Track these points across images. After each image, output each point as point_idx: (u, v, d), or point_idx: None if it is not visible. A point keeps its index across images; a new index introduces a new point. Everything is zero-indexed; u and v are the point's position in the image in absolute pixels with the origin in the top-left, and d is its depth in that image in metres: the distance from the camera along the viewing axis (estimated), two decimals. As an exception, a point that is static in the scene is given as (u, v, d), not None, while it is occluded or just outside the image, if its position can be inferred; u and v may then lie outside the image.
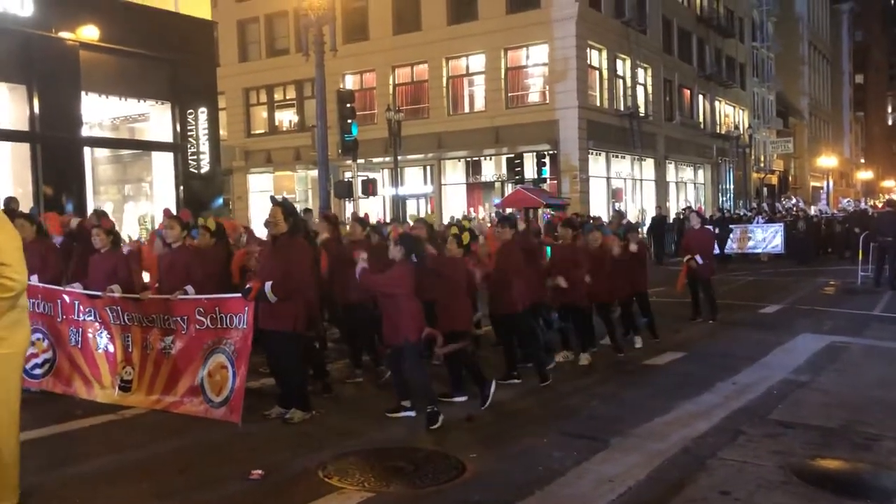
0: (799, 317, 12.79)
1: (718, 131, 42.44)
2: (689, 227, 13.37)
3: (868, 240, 17.91)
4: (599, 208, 28.02)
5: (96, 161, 18.43)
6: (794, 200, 37.41)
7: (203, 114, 17.33)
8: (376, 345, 8.54)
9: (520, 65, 29.98)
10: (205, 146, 17.37)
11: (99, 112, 17.18)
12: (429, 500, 4.98)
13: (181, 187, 17.03)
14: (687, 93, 39.38)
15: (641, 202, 33.61)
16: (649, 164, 34.65)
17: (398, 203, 27.89)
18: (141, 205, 19.24)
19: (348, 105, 19.76)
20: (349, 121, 19.63)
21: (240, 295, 6.67)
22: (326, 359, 8.62)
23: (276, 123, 36.32)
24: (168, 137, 17.20)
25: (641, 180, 34.16)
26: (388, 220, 22.13)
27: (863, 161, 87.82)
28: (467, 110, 31.01)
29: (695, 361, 9.29)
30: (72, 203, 14.43)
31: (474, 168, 31.11)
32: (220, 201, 18.36)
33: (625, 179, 33.11)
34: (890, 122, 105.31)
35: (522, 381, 8.09)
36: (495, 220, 12.89)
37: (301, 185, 35.25)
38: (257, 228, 12.08)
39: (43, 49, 14.38)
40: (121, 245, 8.43)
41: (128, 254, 8.53)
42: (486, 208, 29.75)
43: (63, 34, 14.65)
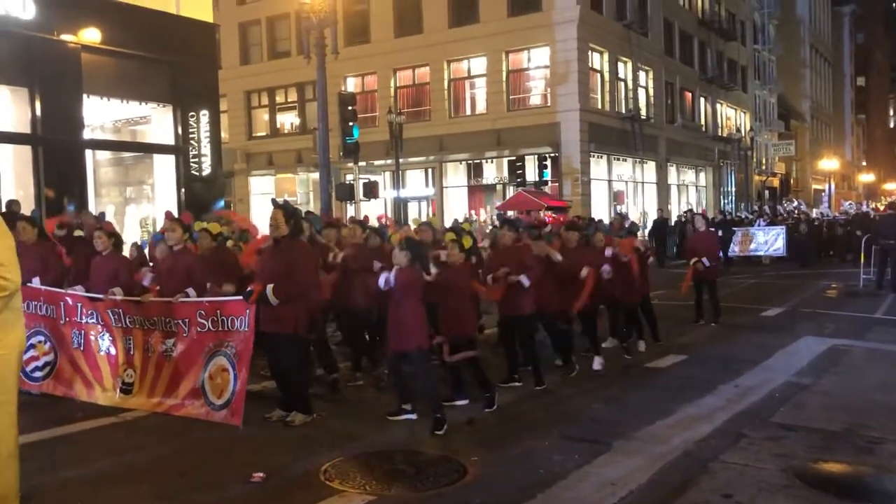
0: (801, 320, 12.79)
1: (720, 134, 42.44)
2: (694, 230, 13.34)
3: (870, 243, 17.88)
4: (601, 211, 28.00)
5: (98, 163, 18.45)
6: (796, 203, 37.34)
7: (204, 116, 17.35)
8: (377, 347, 8.54)
9: (521, 67, 29.97)
10: (206, 149, 17.39)
11: (100, 114, 17.20)
12: (430, 504, 4.98)
13: (182, 190, 17.04)
14: (688, 95, 39.38)
15: (643, 205, 33.58)
16: (651, 166, 34.64)
17: (399, 206, 27.88)
18: (142, 207, 19.27)
19: (350, 108, 19.77)
20: (350, 123, 19.64)
21: (241, 297, 6.67)
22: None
23: (278, 126, 36.36)
24: (169, 140, 17.21)
25: (643, 183, 34.15)
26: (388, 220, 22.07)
27: (864, 164, 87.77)
28: (469, 113, 31.00)
29: (697, 364, 9.28)
30: (73, 205, 14.43)
31: (476, 171, 31.10)
32: (222, 204, 18.35)
33: (626, 182, 33.10)
34: (892, 125, 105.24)
35: (523, 384, 8.09)
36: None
37: (302, 187, 35.27)
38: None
39: (45, 52, 14.41)
40: (122, 248, 8.43)
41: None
42: (488, 211, 29.76)
43: (65, 37, 14.67)
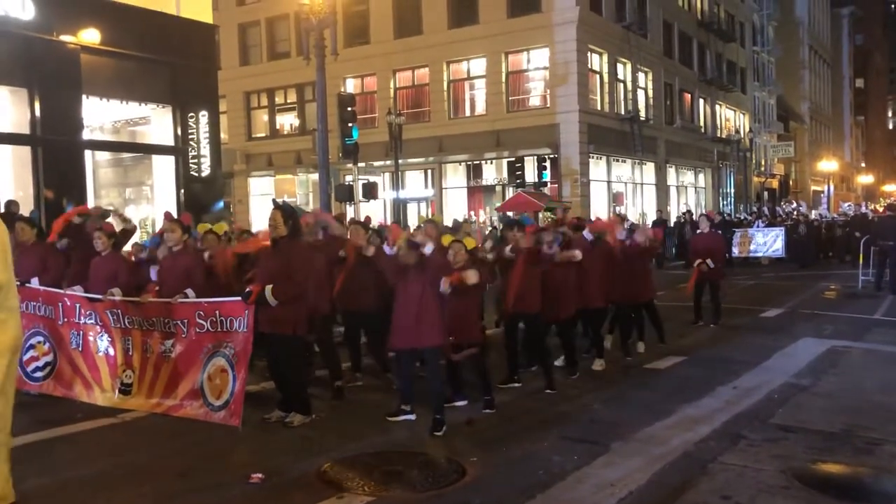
0: (800, 321, 12.79)
1: (719, 135, 42.48)
2: (698, 231, 13.33)
3: (869, 244, 17.91)
4: (600, 212, 27.99)
5: (97, 164, 18.40)
6: (795, 205, 37.34)
7: (204, 117, 17.31)
8: (379, 349, 8.55)
9: (521, 69, 29.99)
10: (206, 149, 17.36)
11: (100, 115, 17.16)
12: (429, 504, 4.97)
13: (182, 191, 17.00)
14: (688, 97, 39.41)
15: (642, 206, 33.59)
16: (650, 167, 34.66)
17: (399, 207, 27.88)
18: (142, 208, 19.23)
19: (349, 108, 19.73)
20: (350, 124, 19.61)
21: (240, 298, 6.67)
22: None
23: (277, 127, 36.36)
24: (169, 141, 17.18)
25: (642, 184, 34.17)
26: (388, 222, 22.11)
27: (863, 165, 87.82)
28: (468, 114, 31.01)
29: (696, 365, 9.29)
30: (72, 206, 14.41)
31: (475, 172, 31.10)
32: (221, 205, 18.33)
33: (625, 183, 33.12)
34: (890, 126, 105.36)
35: (523, 385, 8.10)
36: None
37: (302, 188, 35.27)
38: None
39: (44, 52, 14.37)
40: (121, 248, 8.43)
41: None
42: (487, 212, 29.78)
43: (64, 37, 14.64)
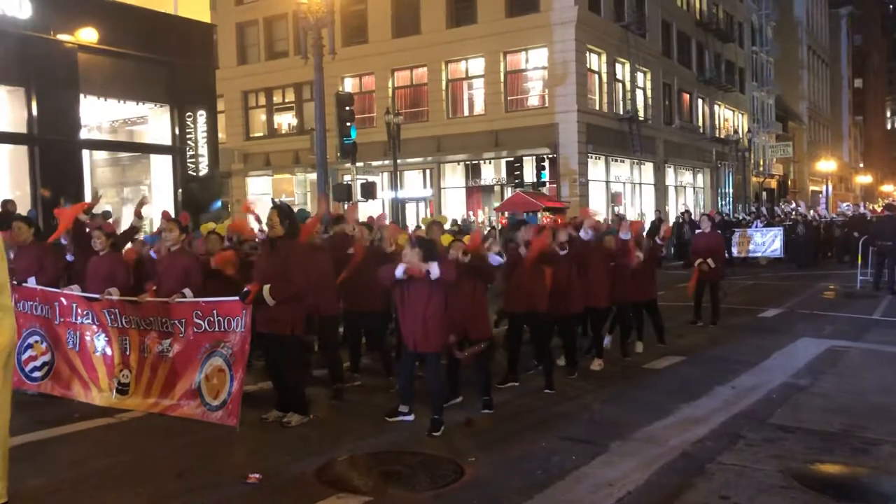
0: (799, 321, 12.79)
1: (718, 135, 42.49)
2: (699, 231, 13.33)
3: (867, 244, 17.91)
4: (599, 212, 27.97)
5: (95, 164, 18.36)
6: (794, 205, 37.34)
7: (202, 116, 17.30)
8: (384, 350, 8.59)
9: (519, 68, 29.95)
10: (203, 149, 17.34)
11: (97, 115, 17.13)
12: (427, 505, 4.96)
13: (180, 190, 16.99)
14: (686, 97, 39.40)
15: (641, 206, 33.58)
16: (648, 167, 34.65)
17: (397, 206, 27.87)
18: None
19: (347, 108, 19.75)
20: (348, 124, 19.62)
21: (238, 298, 6.65)
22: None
23: (275, 126, 36.32)
24: (167, 140, 17.16)
25: (640, 184, 34.16)
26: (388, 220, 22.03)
27: (862, 165, 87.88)
28: (467, 114, 30.98)
29: (695, 365, 9.28)
30: (69, 206, 14.37)
31: (474, 171, 31.07)
32: (219, 204, 18.31)
33: (624, 183, 33.11)
34: (889, 127, 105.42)
35: (521, 385, 8.09)
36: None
37: (300, 188, 35.23)
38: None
39: (41, 51, 14.35)
40: (120, 248, 8.41)
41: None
42: (486, 212, 29.77)
43: (61, 36, 14.62)
